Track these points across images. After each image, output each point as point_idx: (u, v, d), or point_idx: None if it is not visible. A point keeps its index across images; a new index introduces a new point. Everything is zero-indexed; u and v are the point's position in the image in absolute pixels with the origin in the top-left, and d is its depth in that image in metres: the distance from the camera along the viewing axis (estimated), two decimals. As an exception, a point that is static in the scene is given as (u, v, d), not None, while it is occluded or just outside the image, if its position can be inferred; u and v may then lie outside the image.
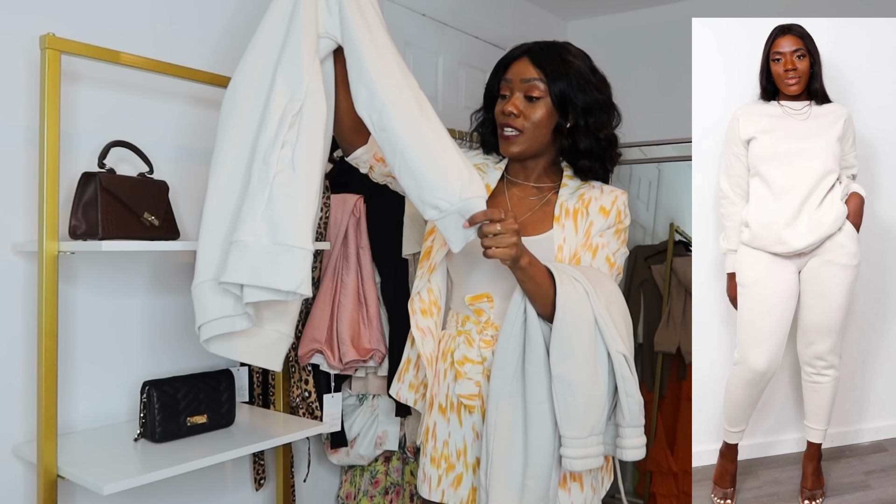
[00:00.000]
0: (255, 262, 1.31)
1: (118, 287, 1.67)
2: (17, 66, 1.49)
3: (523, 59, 1.50)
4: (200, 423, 1.60)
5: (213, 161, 1.42)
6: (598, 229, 1.49)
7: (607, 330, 1.37)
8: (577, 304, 1.35)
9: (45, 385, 1.34)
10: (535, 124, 1.49)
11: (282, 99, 1.38)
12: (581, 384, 1.34)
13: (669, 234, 2.89)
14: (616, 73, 3.37)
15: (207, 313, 1.41)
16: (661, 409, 2.83)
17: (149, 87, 1.71)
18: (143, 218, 1.48)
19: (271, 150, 1.35)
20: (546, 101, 1.49)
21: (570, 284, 1.36)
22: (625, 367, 1.38)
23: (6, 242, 1.48)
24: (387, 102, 1.37)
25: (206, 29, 1.83)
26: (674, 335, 2.73)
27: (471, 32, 2.69)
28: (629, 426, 1.38)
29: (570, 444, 1.34)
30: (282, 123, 1.36)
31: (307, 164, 1.37)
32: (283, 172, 1.34)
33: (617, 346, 1.37)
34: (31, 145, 1.49)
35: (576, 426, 1.34)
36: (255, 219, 1.32)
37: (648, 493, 2.84)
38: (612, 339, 1.37)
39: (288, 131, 1.36)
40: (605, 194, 1.54)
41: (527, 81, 1.48)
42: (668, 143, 2.94)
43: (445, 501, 1.52)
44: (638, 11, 3.08)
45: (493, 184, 1.57)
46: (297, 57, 1.39)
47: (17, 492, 1.51)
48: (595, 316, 1.37)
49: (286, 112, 1.37)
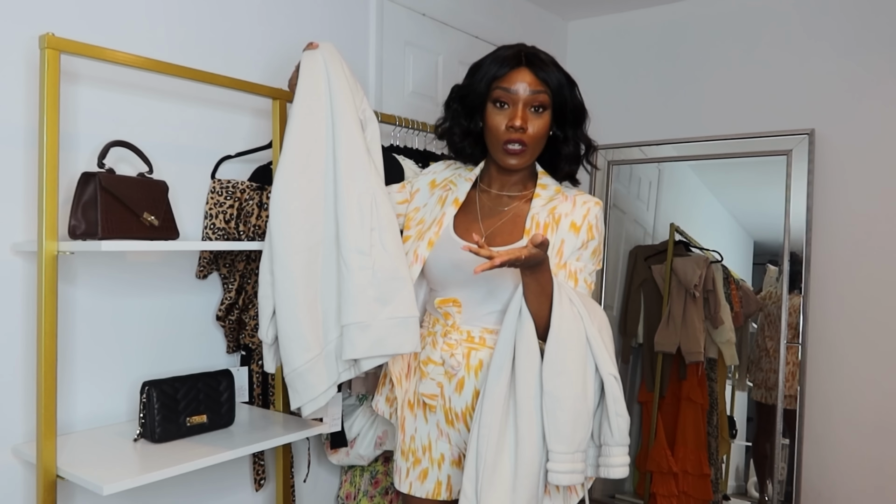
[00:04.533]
0: (377, 337, 1.46)
1: (118, 287, 1.67)
2: (17, 65, 1.49)
3: (523, 70, 1.48)
4: (200, 423, 1.60)
5: (280, 254, 1.49)
6: (570, 249, 1.48)
7: (599, 352, 1.40)
8: (573, 324, 1.38)
9: (44, 385, 1.34)
10: (539, 137, 1.50)
11: (353, 188, 1.48)
12: (570, 400, 1.36)
13: (669, 234, 2.89)
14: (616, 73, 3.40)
15: (315, 388, 1.51)
16: (661, 409, 2.83)
17: (148, 87, 1.70)
18: (143, 218, 1.47)
19: (361, 236, 1.46)
20: (548, 112, 1.50)
21: (568, 304, 1.39)
22: (616, 389, 1.41)
23: (6, 242, 1.48)
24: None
25: (205, 29, 1.83)
26: (674, 335, 2.73)
27: (471, 32, 2.69)
28: (616, 444, 1.42)
29: (557, 458, 1.36)
30: (362, 211, 1.48)
31: (394, 240, 1.50)
32: (380, 254, 1.47)
33: (609, 368, 1.41)
34: (31, 145, 1.49)
35: (564, 441, 1.36)
36: (367, 301, 1.46)
37: (648, 493, 2.84)
38: (603, 362, 1.41)
39: (370, 217, 1.47)
40: (576, 208, 1.51)
41: (535, 93, 1.47)
42: (668, 143, 2.95)
43: (413, 493, 1.59)
44: (638, 11, 3.08)
45: (461, 197, 1.59)
46: (355, 145, 1.51)
47: (16, 492, 1.51)
48: (588, 338, 1.40)
49: (362, 198, 1.48)
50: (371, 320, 1.46)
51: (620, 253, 3.05)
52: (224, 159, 1.83)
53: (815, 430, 2.65)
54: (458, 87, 1.61)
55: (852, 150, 2.60)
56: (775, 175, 2.70)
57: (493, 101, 1.50)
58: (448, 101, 1.63)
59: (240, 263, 1.83)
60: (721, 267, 2.80)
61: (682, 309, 2.74)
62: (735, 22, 2.85)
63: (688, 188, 2.98)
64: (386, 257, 1.47)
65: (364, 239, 1.46)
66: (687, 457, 2.74)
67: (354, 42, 2.25)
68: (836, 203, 2.63)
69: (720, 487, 2.79)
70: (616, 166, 3.08)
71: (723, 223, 2.92)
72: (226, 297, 1.83)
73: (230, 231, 1.79)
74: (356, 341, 1.46)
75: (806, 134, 2.64)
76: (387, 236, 1.49)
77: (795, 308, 2.64)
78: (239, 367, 1.86)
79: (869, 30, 2.57)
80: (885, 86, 2.54)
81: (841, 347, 2.60)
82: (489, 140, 1.54)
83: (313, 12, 2.11)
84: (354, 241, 1.46)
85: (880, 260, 2.54)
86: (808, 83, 2.68)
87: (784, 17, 2.75)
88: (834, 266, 2.62)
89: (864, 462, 2.56)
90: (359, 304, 1.46)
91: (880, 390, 2.53)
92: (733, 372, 2.84)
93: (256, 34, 1.95)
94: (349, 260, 1.46)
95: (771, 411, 2.67)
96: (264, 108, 1.91)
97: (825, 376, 2.63)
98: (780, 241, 2.68)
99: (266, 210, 1.82)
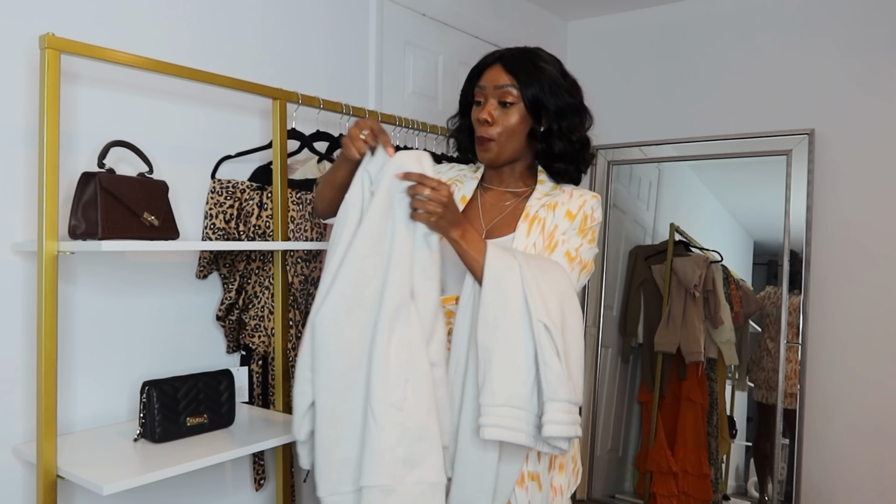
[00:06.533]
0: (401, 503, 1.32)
1: (118, 287, 1.67)
2: (17, 66, 1.49)
3: (496, 66, 1.52)
4: (200, 424, 1.60)
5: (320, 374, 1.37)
6: (561, 231, 1.49)
7: (532, 300, 1.34)
8: (505, 273, 1.35)
9: (44, 385, 1.34)
10: (509, 131, 1.51)
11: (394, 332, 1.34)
12: (498, 353, 1.32)
13: (669, 234, 2.89)
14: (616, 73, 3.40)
15: None
16: (661, 409, 2.83)
17: (149, 87, 1.70)
18: (143, 218, 1.47)
19: (396, 387, 1.32)
20: (519, 106, 1.51)
21: (502, 257, 1.37)
22: (544, 337, 1.32)
23: (6, 242, 1.48)
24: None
25: (205, 29, 1.83)
26: (674, 335, 2.73)
27: (471, 32, 2.69)
28: (550, 400, 1.32)
29: (483, 411, 1.32)
30: (399, 358, 1.33)
31: (427, 393, 1.34)
32: (412, 410, 1.32)
33: (539, 314, 1.33)
34: (31, 145, 1.49)
35: (488, 393, 1.31)
36: (394, 462, 1.31)
37: (648, 493, 2.84)
38: (535, 309, 1.34)
39: (406, 366, 1.33)
40: (573, 199, 1.53)
41: (500, 88, 1.50)
42: (668, 143, 2.95)
43: None
44: (638, 11, 3.08)
45: (468, 194, 1.60)
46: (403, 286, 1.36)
47: (16, 492, 1.51)
48: (523, 288, 1.34)
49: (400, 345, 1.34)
50: (396, 484, 1.31)
51: (620, 253, 3.05)
52: (224, 159, 1.83)
53: (815, 430, 2.65)
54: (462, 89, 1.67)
55: (852, 150, 2.60)
56: (775, 175, 2.70)
57: (473, 98, 1.56)
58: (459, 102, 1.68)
59: (240, 263, 1.83)
60: (721, 267, 2.80)
61: (682, 309, 2.74)
62: (735, 22, 2.85)
63: (688, 188, 2.98)
64: (418, 413, 1.32)
65: (398, 391, 1.31)
66: (687, 457, 2.74)
67: (354, 42, 2.25)
68: (836, 203, 2.63)
69: (720, 487, 2.80)
70: (616, 166, 3.08)
71: (723, 223, 2.92)
72: (226, 297, 1.83)
73: (230, 231, 1.79)
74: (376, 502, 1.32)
75: (806, 134, 2.64)
76: (420, 389, 1.33)
77: (795, 308, 2.64)
78: (239, 367, 1.86)
79: (869, 30, 2.57)
80: (886, 86, 2.54)
81: (841, 347, 2.60)
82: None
83: (313, 12, 2.11)
84: (387, 393, 1.31)
85: (880, 259, 2.55)
86: (808, 83, 2.68)
87: (784, 18, 2.75)
88: (834, 266, 2.62)
89: (864, 462, 2.56)
90: (384, 465, 1.30)
91: (880, 390, 2.53)
92: (733, 372, 2.84)
93: (257, 34, 1.95)
94: (379, 413, 1.30)
95: (771, 411, 2.67)
96: (265, 109, 1.91)
97: (825, 376, 2.63)
98: (780, 241, 2.68)
99: (266, 210, 1.82)
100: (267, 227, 1.82)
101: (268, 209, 1.82)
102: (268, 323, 1.85)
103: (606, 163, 3.09)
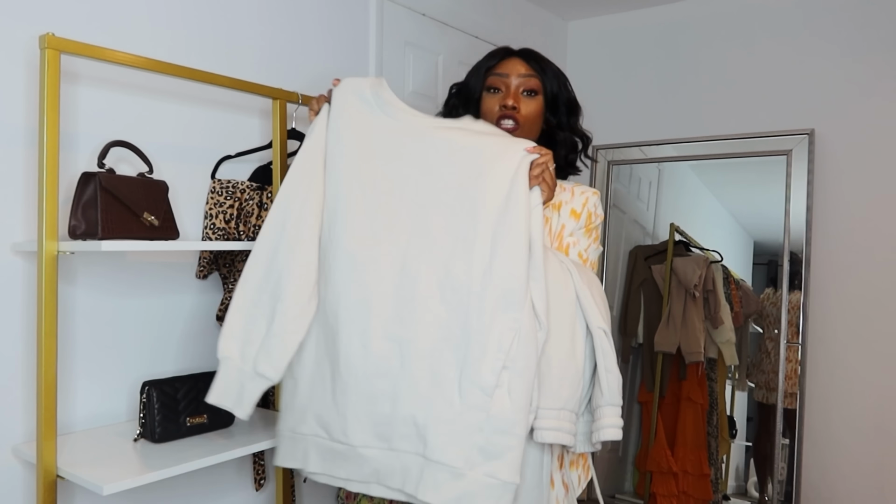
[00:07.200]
0: (466, 491, 1.25)
1: (118, 287, 1.67)
2: (17, 65, 1.49)
3: (514, 59, 1.57)
4: (200, 424, 1.60)
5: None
6: (568, 231, 1.52)
7: (588, 306, 1.36)
8: (561, 279, 1.36)
9: (44, 385, 1.34)
10: (532, 118, 1.55)
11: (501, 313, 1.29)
12: (557, 358, 1.33)
13: (669, 234, 2.89)
14: (616, 73, 3.40)
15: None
16: (661, 409, 2.83)
17: (148, 87, 1.70)
18: (143, 218, 1.47)
19: (489, 371, 1.27)
20: (540, 97, 1.56)
21: (556, 261, 1.38)
22: (605, 342, 1.37)
23: (6, 242, 1.48)
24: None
25: (205, 29, 1.83)
26: (674, 335, 2.73)
27: (471, 32, 2.68)
28: (608, 404, 1.35)
29: (542, 414, 1.31)
30: (500, 341, 1.27)
31: (524, 389, 1.26)
32: (502, 400, 1.25)
33: (597, 321, 1.36)
34: (31, 145, 1.49)
35: (549, 397, 1.31)
36: (470, 447, 1.25)
37: (648, 493, 2.84)
38: (592, 315, 1.36)
39: (507, 353, 1.26)
40: (575, 197, 1.56)
41: (525, 76, 1.54)
42: (668, 142, 2.95)
43: None
44: (638, 11, 3.08)
45: None
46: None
47: (16, 492, 1.51)
48: (577, 293, 1.36)
49: (504, 329, 1.28)
50: (467, 470, 1.24)
51: (620, 253, 3.05)
52: (224, 159, 1.83)
53: (815, 430, 2.65)
54: (455, 84, 1.68)
55: (852, 150, 2.60)
56: (775, 175, 2.70)
57: (487, 88, 1.57)
58: (447, 99, 1.68)
59: (240, 263, 1.83)
60: (721, 267, 2.80)
61: (682, 309, 2.74)
62: (735, 22, 2.85)
63: (688, 188, 2.98)
64: (508, 406, 1.24)
65: (491, 376, 1.24)
66: (687, 457, 2.74)
67: (354, 42, 2.25)
68: (835, 203, 2.63)
69: (720, 487, 2.79)
70: (616, 166, 3.08)
71: (723, 223, 2.92)
72: (226, 297, 1.83)
73: (230, 231, 1.79)
74: (441, 486, 1.25)
75: (806, 134, 2.64)
76: (517, 383, 1.25)
77: (795, 307, 2.64)
78: (239, 367, 1.86)
79: (869, 30, 2.57)
80: (886, 86, 2.54)
81: (841, 347, 2.60)
82: None
83: (313, 12, 2.11)
84: (479, 374, 1.24)
85: (880, 259, 2.55)
86: (808, 83, 2.68)
87: (784, 18, 2.75)
88: (834, 266, 2.63)
89: (864, 462, 2.56)
90: (459, 446, 1.25)
91: (880, 390, 2.53)
92: (733, 372, 2.84)
93: (257, 34, 1.95)
94: (467, 392, 1.25)
95: (771, 411, 2.67)
96: (265, 108, 1.91)
97: (825, 376, 2.63)
98: (780, 241, 2.68)
99: (266, 210, 1.82)
100: (267, 227, 1.82)
101: (268, 209, 1.82)
102: (268, 323, 1.85)
103: (606, 163, 3.09)
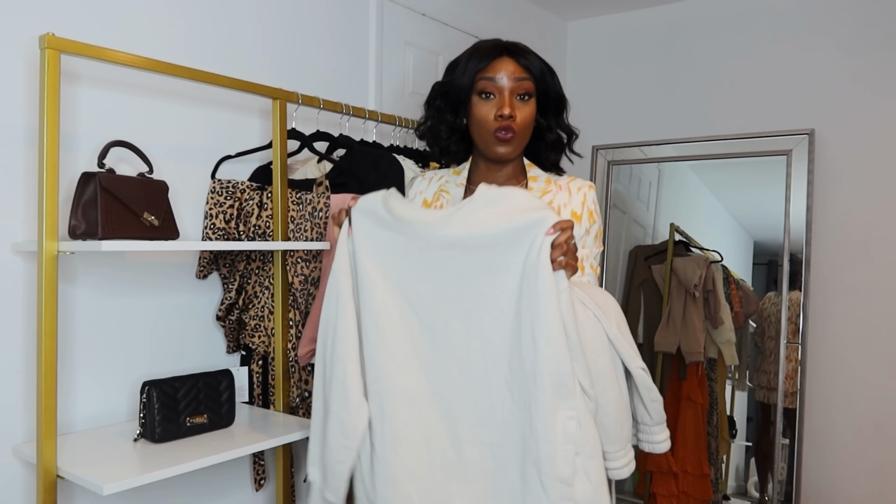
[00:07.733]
0: None
1: (118, 287, 1.67)
2: (17, 66, 1.49)
3: (505, 59, 1.47)
4: (200, 424, 1.60)
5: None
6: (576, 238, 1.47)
7: (623, 350, 1.40)
8: (593, 332, 1.36)
9: (44, 385, 1.34)
10: (527, 124, 1.49)
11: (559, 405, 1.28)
12: (611, 405, 1.35)
13: (669, 234, 2.89)
14: (616, 73, 3.40)
15: None
16: (661, 409, 2.83)
17: (149, 87, 1.70)
18: (143, 218, 1.47)
19: (564, 461, 1.26)
20: (533, 100, 1.49)
21: (583, 312, 1.36)
22: (647, 379, 1.42)
23: (6, 242, 1.48)
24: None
25: (205, 29, 1.83)
26: (674, 335, 2.73)
27: (471, 32, 2.68)
28: (657, 424, 1.46)
29: (612, 457, 1.35)
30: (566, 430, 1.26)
31: (598, 467, 1.27)
32: (582, 485, 1.25)
33: (636, 362, 1.41)
34: (31, 145, 1.49)
35: (615, 442, 1.35)
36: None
37: (648, 493, 2.84)
38: (629, 357, 1.40)
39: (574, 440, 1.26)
40: (573, 196, 1.51)
41: (518, 80, 1.46)
42: (668, 143, 2.95)
43: None
44: (638, 11, 3.08)
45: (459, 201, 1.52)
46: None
47: (16, 492, 1.51)
48: (610, 339, 1.39)
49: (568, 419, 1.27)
50: None
51: (620, 253, 3.05)
52: (224, 159, 1.83)
53: (815, 429, 2.65)
54: (439, 83, 1.57)
55: (852, 150, 2.60)
56: (775, 175, 2.70)
57: (479, 92, 1.48)
58: (430, 100, 1.59)
59: (240, 263, 1.83)
60: (721, 267, 2.80)
61: (682, 309, 2.74)
62: (735, 22, 2.85)
63: (688, 188, 2.98)
64: (589, 487, 1.24)
65: (567, 467, 1.23)
66: (687, 457, 2.74)
67: (354, 42, 2.25)
68: (835, 203, 2.63)
69: (720, 487, 2.80)
70: (616, 166, 3.08)
71: (723, 223, 2.92)
72: (226, 297, 1.83)
73: (230, 231, 1.79)
74: None
75: (806, 134, 2.64)
76: (592, 464, 1.25)
77: (795, 307, 2.64)
78: (239, 367, 1.86)
79: (869, 29, 2.57)
80: (885, 85, 2.54)
81: (841, 347, 2.60)
82: (477, 132, 1.50)
83: (313, 12, 2.11)
84: (556, 469, 1.23)
85: (880, 259, 2.55)
86: (809, 83, 2.68)
87: (783, 18, 2.75)
88: (834, 266, 2.63)
89: (864, 461, 2.56)
90: None
91: (880, 390, 2.53)
92: (733, 372, 2.84)
93: (257, 34, 1.95)
94: (550, 488, 1.22)
95: (771, 411, 2.67)
96: (264, 109, 1.91)
97: (825, 376, 2.63)
98: (780, 241, 2.68)
99: (266, 210, 1.82)
100: (267, 227, 1.82)
101: (268, 209, 1.82)
102: (268, 323, 1.85)
103: (606, 163, 3.09)
